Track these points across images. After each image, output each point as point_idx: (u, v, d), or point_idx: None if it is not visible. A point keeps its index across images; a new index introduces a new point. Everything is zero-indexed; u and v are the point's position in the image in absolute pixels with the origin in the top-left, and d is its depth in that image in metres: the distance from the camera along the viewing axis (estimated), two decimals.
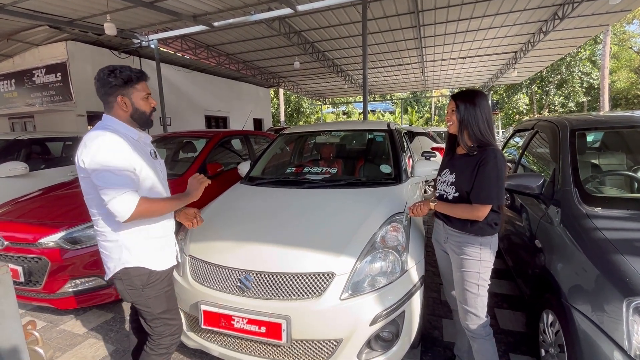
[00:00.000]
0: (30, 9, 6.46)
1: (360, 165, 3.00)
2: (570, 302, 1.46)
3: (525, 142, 2.99)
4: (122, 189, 1.25)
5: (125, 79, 1.36)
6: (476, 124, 1.54)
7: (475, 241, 1.56)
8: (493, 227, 1.56)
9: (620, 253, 1.36)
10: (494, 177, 1.46)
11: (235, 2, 6.91)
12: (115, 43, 8.88)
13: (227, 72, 13.15)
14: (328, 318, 1.54)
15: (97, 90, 1.37)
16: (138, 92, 1.40)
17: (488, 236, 1.56)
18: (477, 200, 1.49)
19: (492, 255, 1.58)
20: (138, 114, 1.42)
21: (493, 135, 1.58)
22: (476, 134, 1.54)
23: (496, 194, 1.47)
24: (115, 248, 1.38)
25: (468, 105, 1.55)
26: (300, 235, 1.83)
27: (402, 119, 25.61)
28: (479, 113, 1.54)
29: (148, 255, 1.42)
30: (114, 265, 1.39)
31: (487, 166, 1.47)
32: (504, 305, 2.58)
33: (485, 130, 1.54)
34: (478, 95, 1.57)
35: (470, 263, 1.57)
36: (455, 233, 1.62)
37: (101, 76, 1.35)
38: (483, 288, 1.57)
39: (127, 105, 1.38)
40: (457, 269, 1.63)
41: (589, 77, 20.17)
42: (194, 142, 4.07)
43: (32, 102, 8.81)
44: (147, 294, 1.43)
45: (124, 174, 1.27)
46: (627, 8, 8.20)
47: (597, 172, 2.23)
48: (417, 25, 8.76)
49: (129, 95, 1.38)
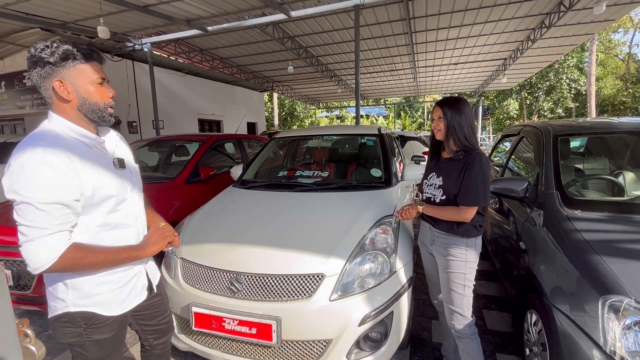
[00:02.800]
0: (22, 12, 6.41)
1: (352, 169, 3.05)
2: (551, 301, 1.52)
3: (512, 146, 3.08)
4: (44, 230, 0.92)
5: (64, 56, 0.98)
6: (461, 130, 1.59)
7: (461, 243, 1.61)
8: (478, 229, 1.61)
9: (598, 253, 1.42)
10: (480, 180, 1.52)
11: (229, 7, 6.95)
12: (108, 46, 8.85)
13: (221, 76, 13.16)
14: (318, 319, 1.56)
15: (31, 76, 0.99)
16: (85, 75, 1.02)
17: (473, 238, 1.61)
18: (464, 202, 1.54)
19: (476, 256, 1.63)
20: (87, 106, 1.04)
21: (476, 140, 1.64)
22: (461, 139, 1.60)
23: (482, 195, 1.52)
24: (61, 287, 1.06)
25: (454, 112, 1.60)
26: (291, 237, 1.86)
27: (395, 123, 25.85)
28: (464, 119, 1.60)
29: (101, 298, 1.10)
30: (55, 306, 1.08)
31: (474, 169, 1.53)
32: (492, 307, 2.63)
33: (470, 135, 1.60)
34: (462, 102, 1.63)
35: (456, 264, 1.61)
36: (442, 235, 1.67)
37: (33, 53, 0.97)
38: (469, 288, 1.62)
39: (70, 93, 1.00)
40: (443, 270, 1.67)
41: (577, 84, 20.64)
42: (187, 145, 4.08)
43: (23, 104, 8.71)
44: (88, 335, 1.10)
45: (51, 209, 0.92)
46: (611, 18, 8.46)
47: (579, 176, 2.30)
48: (408, 32, 8.91)
49: (70, 79, 1.00)
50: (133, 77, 9.86)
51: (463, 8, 7.55)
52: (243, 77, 13.59)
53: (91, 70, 1.04)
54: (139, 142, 4.30)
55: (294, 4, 6.89)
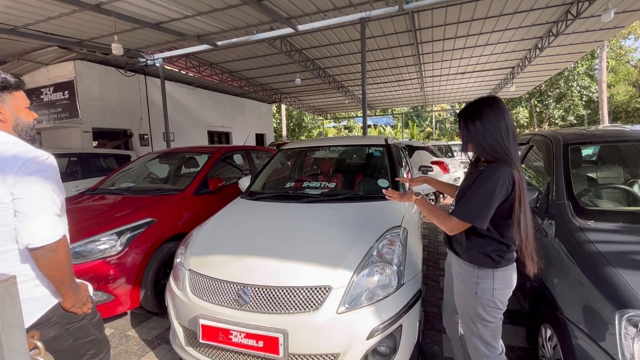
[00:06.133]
0: (41, 31, 6.71)
1: (359, 180, 3.05)
2: (566, 315, 1.47)
3: (522, 156, 3.03)
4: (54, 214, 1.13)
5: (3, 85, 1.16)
6: (477, 140, 1.37)
7: (472, 273, 1.39)
8: (494, 260, 1.34)
9: (613, 266, 1.38)
10: (480, 193, 1.30)
11: (238, 22, 7.14)
12: (122, 62, 9.14)
13: (230, 89, 13.42)
14: (325, 332, 1.54)
15: None
16: (19, 101, 1.21)
17: (489, 269, 1.36)
18: (454, 211, 1.36)
19: (495, 293, 1.36)
20: (21, 126, 1.22)
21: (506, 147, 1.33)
22: (480, 151, 1.38)
23: (475, 211, 1.29)
24: (37, 286, 1.16)
25: (468, 122, 1.40)
26: (297, 248, 1.85)
27: (403, 133, 25.81)
28: (486, 127, 1.34)
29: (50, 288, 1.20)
30: (43, 305, 1.17)
31: (479, 179, 1.34)
32: (505, 320, 2.54)
33: (496, 144, 1.33)
34: (483, 104, 1.38)
35: (465, 295, 1.43)
36: (453, 256, 1.55)
37: None
38: (482, 326, 1.41)
39: (5, 115, 1.17)
40: (456, 297, 1.56)
41: (588, 91, 20.37)
42: (196, 157, 4.15)
43: (40, 119, 9.01)
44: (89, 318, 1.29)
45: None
46: (620, 25, 8.39)
47: (592, 185, 2.25)
48: (415, 43, 8.98)
49: (6, 103, 1.17)
50: (145, 91, 10.14)
51: (469, 18, 7.60)
52: (252, 89, 13.83)
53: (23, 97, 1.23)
54: (150, 154, 4.39)
55: (301, 19, 7.04)
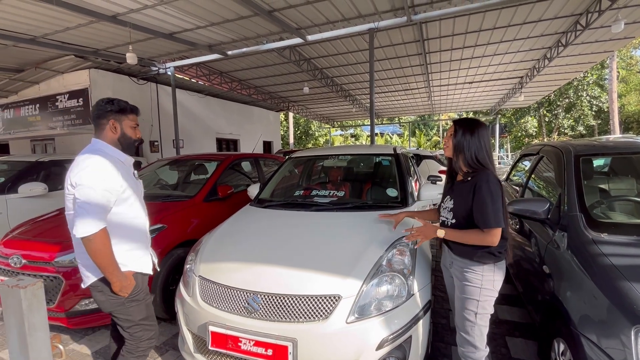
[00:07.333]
0: (59, 41, 6.94)
1: (367, 189, 3.05)
2: (580, 330, 1.45)
3: (532, 166, 3.02)
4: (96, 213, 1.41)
5: (120, 108, 1.61)
6: (469, 150, 1.57)
7: (477, 268, 1.56)
8: (496, 255, 1.55)
9: (627, 280, 1.36)
10: (489, 201, 1.48)
11: (249, 33, 7.29)
12: (135, 70, 9.36)
13: (239, 97, 13.61)
14: (334, 341, 1.54)
15: (93, 113, 1.61)
16: (129, 121, 1.64)
17: (491, 264, 1.55)
18: (484, 225, 1.49)
19: (495, 284, 1.56)
20: (125, 138, 1.63)
21: (491, 162, 1.60)
22: (470, 159, 1.57)
23: (493, 216, 1.47)
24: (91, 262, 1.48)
25: (466, 132, 1.59)
26: (307, 257, 1.86)
27: (410, 141, 25.77)
28: (475, 140, 1.58)
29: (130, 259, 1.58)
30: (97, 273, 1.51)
31: (481, 190, 1.50)
32: (516, 334, 2.51)
33: (483, 157, 1.57)
34: (478, 125, 1.62)
35: (470, 290, 1.56)
36: (458, 259, 1.63)
37: (100, 104, 1.61)
38: (482, 317, 1.55)
39: (117, 129, 1.60)
40: (458, 295, 1.63)
41: (598, 101, 20.14)
42: (206, 164, 4.20)
43: (54, 125, 9.23)
44: (129, 304, 1.58)
45: (104, 196, 1.44)
46: (631, 35, 8.34)
47: (605, 197, 2.22)
48: (422, 53, 9.03)
49: (120, 121, 1.60)
50: (156, 99, 10.34)
51: (477, 29, 7.63)
52: (260, 97, 14.01)
53: (133, 119, 1.66)
54: (160, 161, 4.47)
55: (310, 29, 7.15)
